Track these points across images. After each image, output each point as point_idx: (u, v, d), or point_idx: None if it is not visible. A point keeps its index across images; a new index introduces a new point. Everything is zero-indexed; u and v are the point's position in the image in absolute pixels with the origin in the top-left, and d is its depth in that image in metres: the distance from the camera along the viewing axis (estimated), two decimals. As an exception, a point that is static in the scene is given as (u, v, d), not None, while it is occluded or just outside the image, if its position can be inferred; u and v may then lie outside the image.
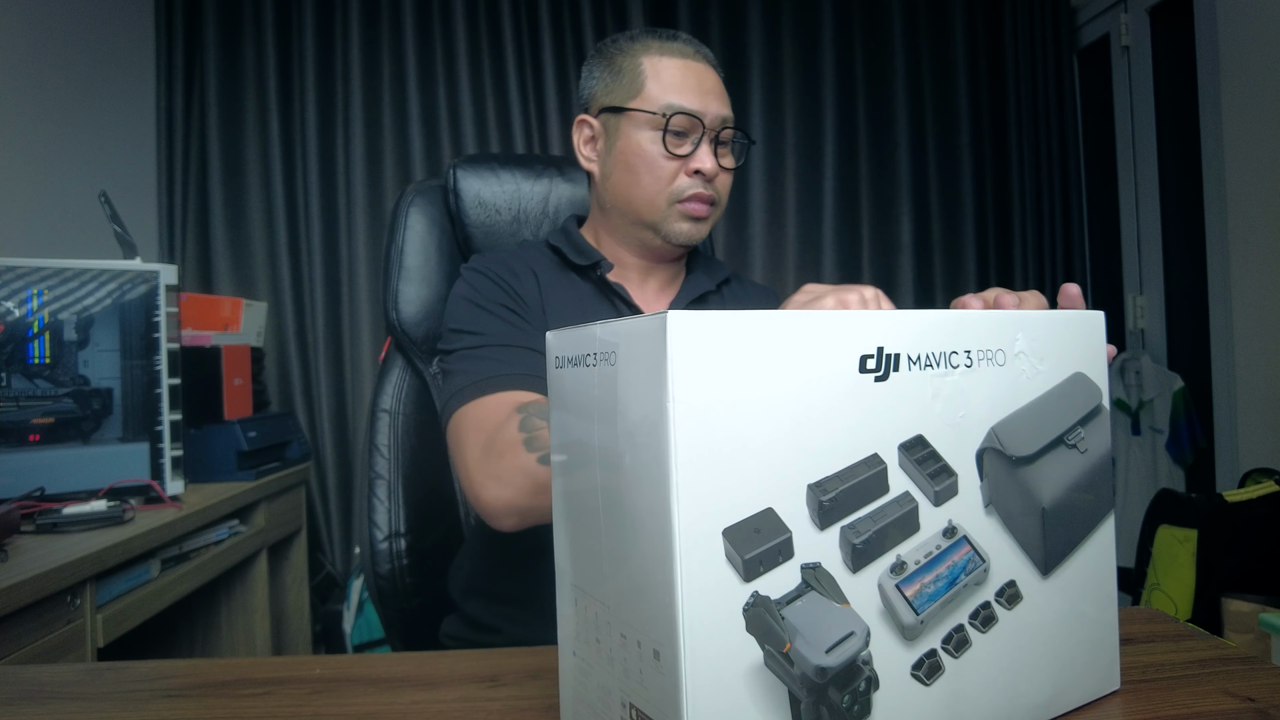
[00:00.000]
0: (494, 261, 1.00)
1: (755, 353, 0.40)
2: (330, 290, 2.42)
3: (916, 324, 0.46)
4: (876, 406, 0.44)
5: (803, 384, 0.41)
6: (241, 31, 2.41)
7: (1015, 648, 0.51)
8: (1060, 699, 0.53)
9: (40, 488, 1.33)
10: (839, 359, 0.43)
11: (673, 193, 0.94)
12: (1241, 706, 0.52)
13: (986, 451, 0.49)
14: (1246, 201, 2.05)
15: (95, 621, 1.19)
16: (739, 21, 2.56)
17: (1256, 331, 2.05)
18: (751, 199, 2.55)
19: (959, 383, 0.48)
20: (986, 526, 0.49)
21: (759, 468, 0.40)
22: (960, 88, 2.62)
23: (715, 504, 0.39)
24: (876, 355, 0.44)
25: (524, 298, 0.96)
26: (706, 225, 0.98)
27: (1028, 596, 0.51)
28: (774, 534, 0.41)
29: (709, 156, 0.93)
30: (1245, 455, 2.08)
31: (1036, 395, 0.52)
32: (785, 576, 0.41)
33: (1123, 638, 0.66)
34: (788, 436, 0.41)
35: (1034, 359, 0.51)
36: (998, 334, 0.49)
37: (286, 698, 0.56)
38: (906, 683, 0.46)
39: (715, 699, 0.39)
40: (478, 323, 0.93)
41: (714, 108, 0.94)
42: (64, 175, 1.96)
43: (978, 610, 0.49)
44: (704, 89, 0.94)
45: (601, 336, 0.43)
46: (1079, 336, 0.54)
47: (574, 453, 0.47)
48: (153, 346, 1.46)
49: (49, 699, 0.58)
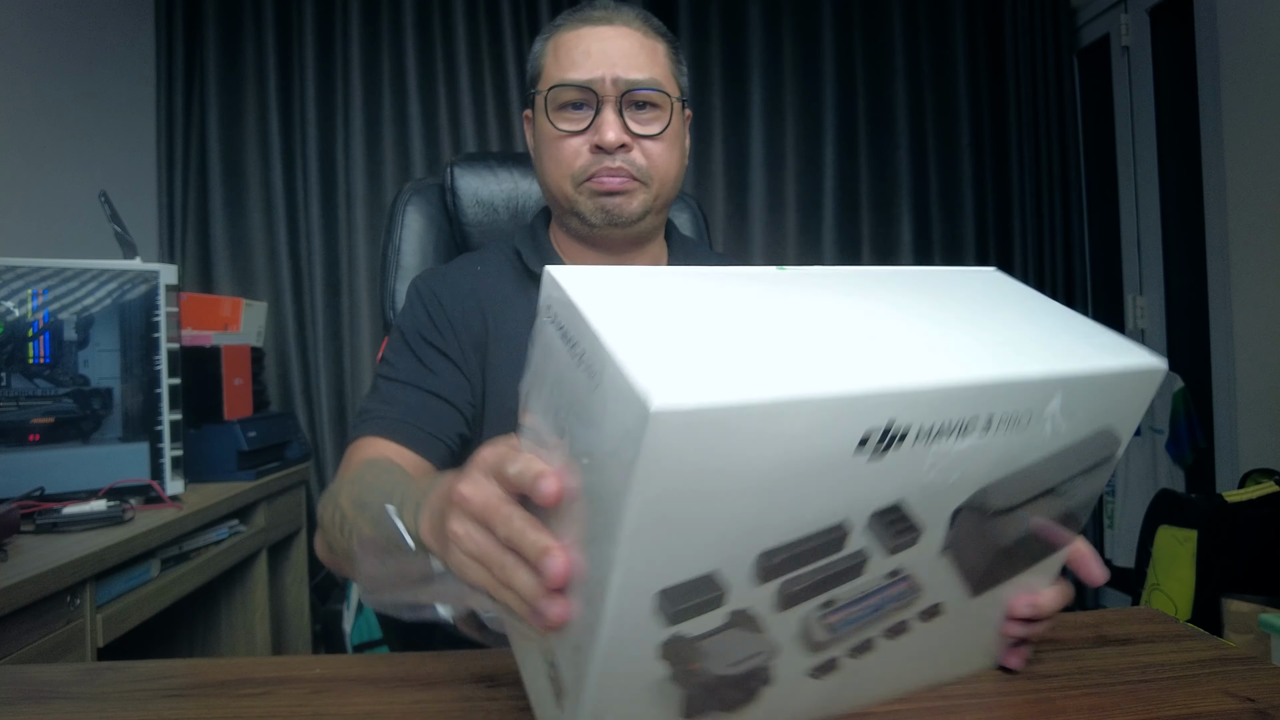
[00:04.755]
0: (440, 281, 0.93)
1: (740, 441, 0.35)
2: (330, 289, 2.42)
3: (943, 396, 0.39)
4: (861, 481, 0.40)
5: (785, 468, 0.37)
6: (241, 31, 2.41)
7: (917, 650, 0.52)
8: (939, 679, 0.55)
9: (40, 488, 1.33)
10: (835, 441, 0.37)
11: (576, 174, 0.87)
12: (1241, 707, 0.52)
13: (965, 509, 0.45)
14: (1247, 202, 2.05)
15: (95, 621, 1.19)
16: (739, 21, 2.56)
17: (1256, 332, 2.04)
18: (752, 198, 2.55)
19: (964, 450, 0.42)
20: (936, 565, 0.48)
21: (714, 539, 0.38)
22: (960, 88, 2.62)
23: (658, 571, 0.38)
24: (883, 433, 0.38)
25: (456, 329, 0.89)
26: (631, 200, 0.87)
27: (949, 612, 0.51)
28: (707, 594, 0.40)
29: (610, 126, 0.84)
30: (1245, 455, 2.07)
31: (1048, 454, 0.46)
32: (711, 619, 0.41)
33: (1122, 638, 0.65)
34: (752, 514, 0.38)
35: (1063, 418, 0.45)
36: (1035, 397, 0.43)
37: (286, 697, 0.56)
38: (800, 680, 0.47)
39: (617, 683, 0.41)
40: (394, 353, 0.90)
41: (614, 71, 0.84)
42: (64, 175, 1.96)
43: (894, 626, 0.49)
44: (605, 53, 0.84)
45: (586, 360, 0.38)
46: (1125, 395, 0.47)
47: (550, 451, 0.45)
48: (153, 346, 1.45)
49: (49, 699, 0.58)
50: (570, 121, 0.86)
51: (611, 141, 0.84)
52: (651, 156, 0.87)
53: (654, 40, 0.88)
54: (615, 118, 0.84)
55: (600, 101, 0.84)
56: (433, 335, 0.88)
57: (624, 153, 0.85)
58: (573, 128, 0.85)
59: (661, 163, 0.88)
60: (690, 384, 0.33)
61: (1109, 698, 0.54)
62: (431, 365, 0.87)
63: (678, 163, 0.91)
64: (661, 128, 0.87)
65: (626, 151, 0.86)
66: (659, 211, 0.91)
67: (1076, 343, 0.47)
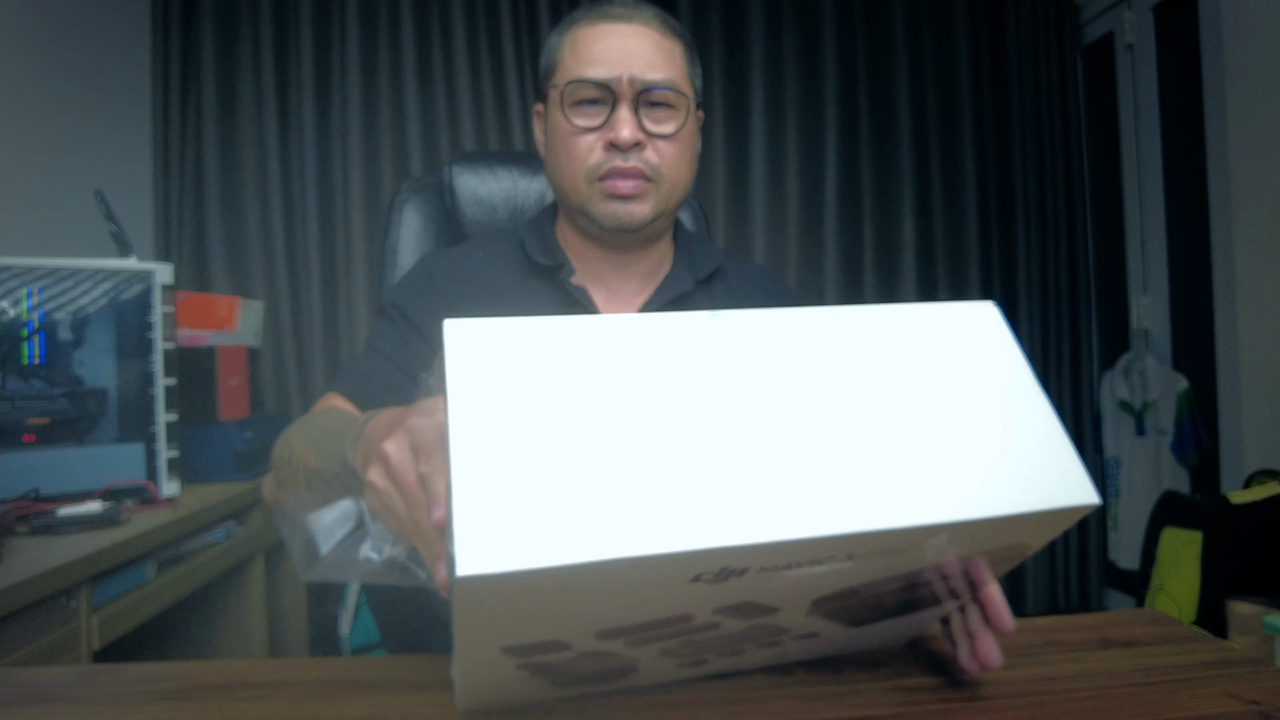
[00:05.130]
0: (442, 263, 0.96)
1: (563, 582, 0.36)
2: (327, 289, 2.41)
3: (786, 549, 0.37)
4: (703, 595, 0.40)
5: (617, 592, 0.38)
6: (238, 29, 2.41)
7: (803, 649, 0.53)
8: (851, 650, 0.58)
9: (35, 489, 1.32)
10: (668, 577, 0.38)
11: (589, 170, 0.86)
12: (1245, 709, 0.51)
13: (830, 597, 0.45)
14: (1251, 200, 2.04)
15: (91, 623, 1.18)
16: (740, 21, 2.55)
17: (1261, 331, 2.04)
18: (753, 198, 2.55)
19: (822, 572, 0.41)
20: (804, 620, 0.48)
21: (550, 627, 0.40)
22: (963, 86, 2.61)
23: (495, 639, 0.40)
24: (717, 573, 0.38)
25: (441, 312, 0.90)
26: (644, 204, 0.87)
27: (823, 635, 0.52)
28: (551, 650, 0.43)
29: (625, 124, 0.84)
30: (1250, 456, 2.06)
31: (932, 564, 0.44)
32: (560, 656, 0.44)
33: (1126, 640, 0.65)
34: (588, 615, 0.40)
35: (950, 546, 0.42)
36: (910, 539, 0.40)
37: (283, 700, 0.56)
38: (673, 670, 0.51)
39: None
40: (380, 320, 0.95)
41: (632, 70, 0.84)
42: (59, 174, 1.95)
43: (768, 643, 0.50)
44: (623, 51, 0.85)
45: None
46: (1039, 526, 0.43)
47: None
48: (148, 346, 1.45)
49: (45, 701, 0.58)
50: (586, 117, 0.86)
51: (627, 139, 0.84)
52: (665, 156, 0.87)
53: (672, 40, 0.89)
54: (631, 116, 0.85)
55: (616, 99, 0.85)
56: (414, 312, 0.91)
57: (638, 151, 0.86)
58: (588, 124, 0.86)
59: (674, 163, 0.88)
60: (508, 547, 0.34)
61: (1112, 700, 0.53)
62: (405, 340, 0.91)
63: (689, 164, 0.92)
64: (676, 127, 0.87)
65: (641, 150, 0.86)
66: (669, 214, 0.92)
67: (1001, 464, 0.41)
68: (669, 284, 0.94)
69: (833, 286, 2.56)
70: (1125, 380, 2.50)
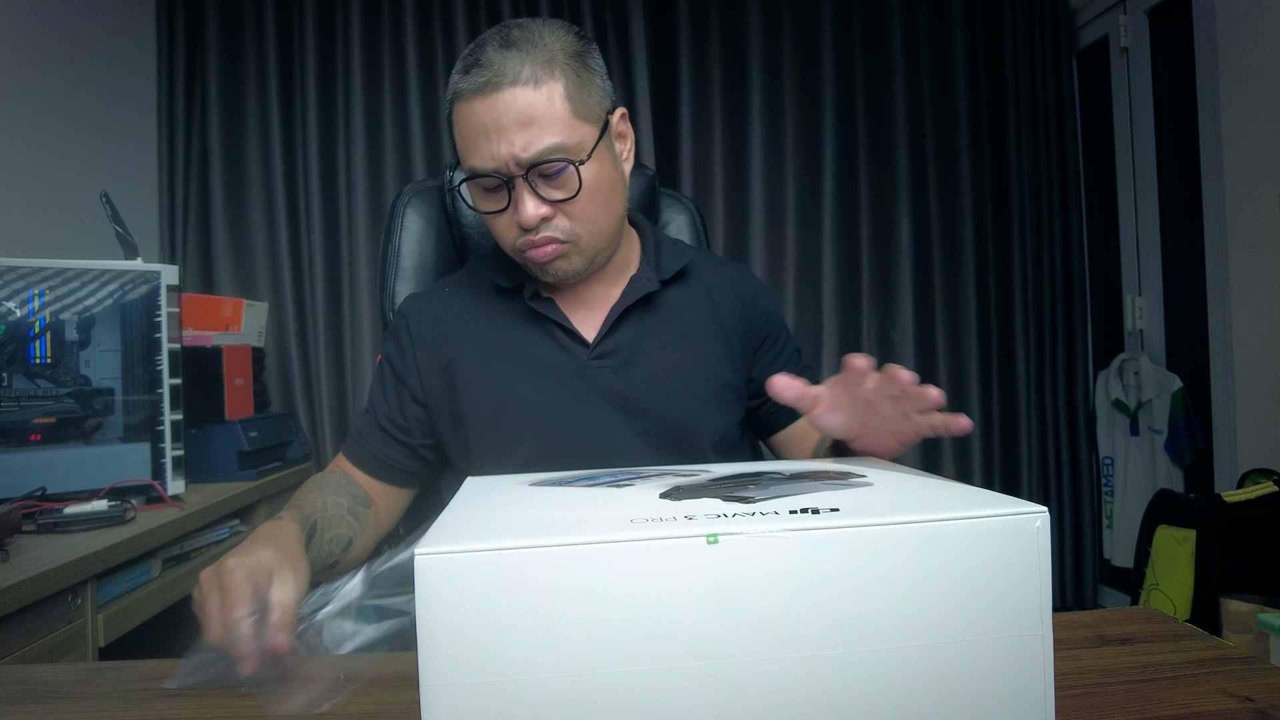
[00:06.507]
0: (415, 307, 1.00)
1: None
2: (331, 290, 2.42)
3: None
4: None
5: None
6: (243, 32, 2.41)
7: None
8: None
9: (41, 487, 1.33)
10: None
11: (511, 247, 0.88)
12: (1240, 706, 0.52)
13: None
14: (1245, 202, 2.05)
15: (96, 621, 1.19)
16: (739, 22, 2.56)
17: (1255, 332, 2.05)
18: (751, 200, 2.55)
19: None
20: None
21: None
22: (959, 89, 2.62)
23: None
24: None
25: (420, 359, 0.96)
26: (569, 260, 0.88)
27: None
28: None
29: (524, 206, 0.83)
30: (1244, 456, 2.08)
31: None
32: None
33: (1121, 638, 0.66)
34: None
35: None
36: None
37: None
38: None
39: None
40: (375, 380, 1.01)
41: (513, 149, 0.81)
42: (65, 175, 1.96)
43: None
44: (499, 130, 0.81)
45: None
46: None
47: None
48: (154, 347, 1.46)
49: (50, 698, 0.58)
50: (492, 202, 0.86)
51: (530, 220, 0.83)
52: (575, 215, 0.86)
53: (549, 82, 0.82)
54: (528, 196, 0.83)
55: (511, 180, 0.83)
56: (402, 368, 0.97)
57: (547, 224, 0.85)
58: (496, 208, 0.86)
59: (587, 215, 0.87)
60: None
61: (1108, 697, 0.54)
62: (397, 401, 0.97)
63: (604, 205, 0.88)
64: (576, 188, 0.84)
65: (550, 220, 0.85)
66: (604, 251, 0.92)
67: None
68: (635, 284, 0.96)
69: (830, 287, 2.57)
70: (1120, 380, 2.51)
